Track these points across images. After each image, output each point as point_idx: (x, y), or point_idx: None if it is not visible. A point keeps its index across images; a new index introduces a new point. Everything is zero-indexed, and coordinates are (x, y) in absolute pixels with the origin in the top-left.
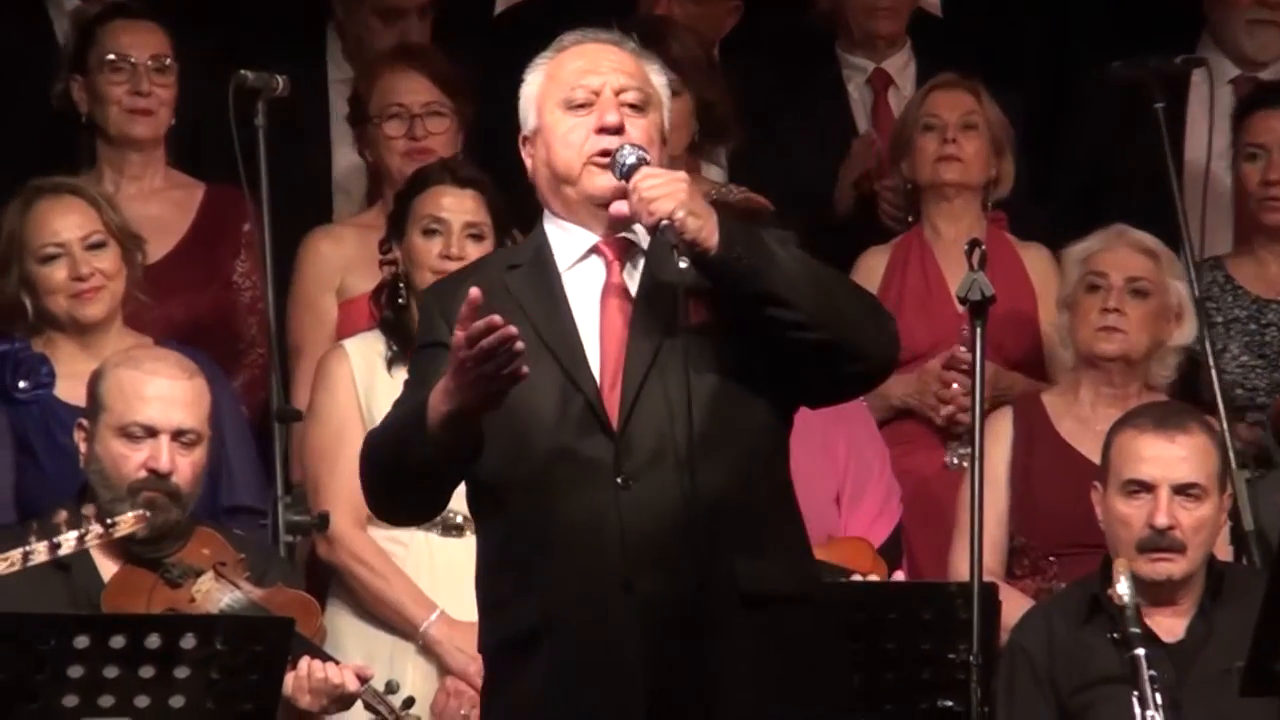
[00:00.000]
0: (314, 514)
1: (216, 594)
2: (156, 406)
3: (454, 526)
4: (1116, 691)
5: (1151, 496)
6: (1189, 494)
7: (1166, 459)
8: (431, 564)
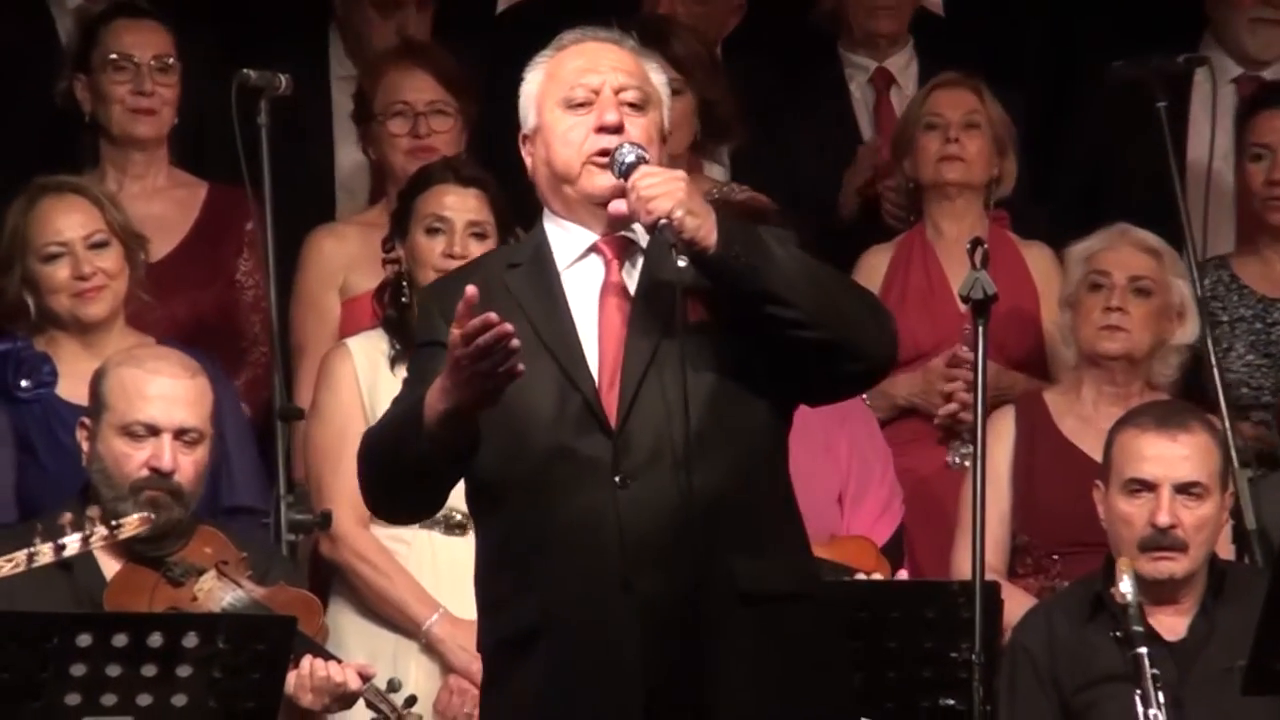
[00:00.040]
0: (316, 513)
1: (219, 593)
2: (159, 405)
3: (456, 525)
4: (1119, 690)
5: (1153, 495)
6: (1191, 493)
7: (1168, 458)
8: (434, 562)
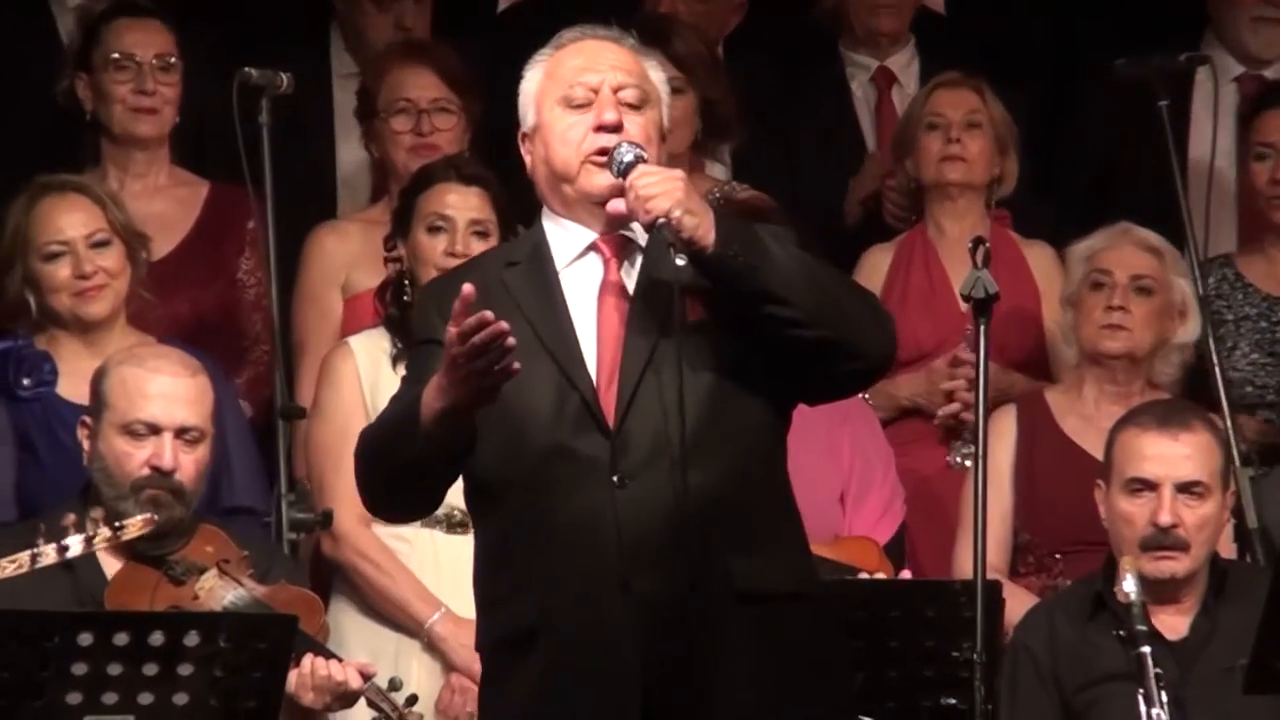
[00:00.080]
0: (317, 511)
1: (220, 591)
2: (160, 404)
3: (458, 524)
4: (1121, 689)
5: (1154, 495)
6: (1192, 492)
7: (1169, 457)
8: (436, 561)
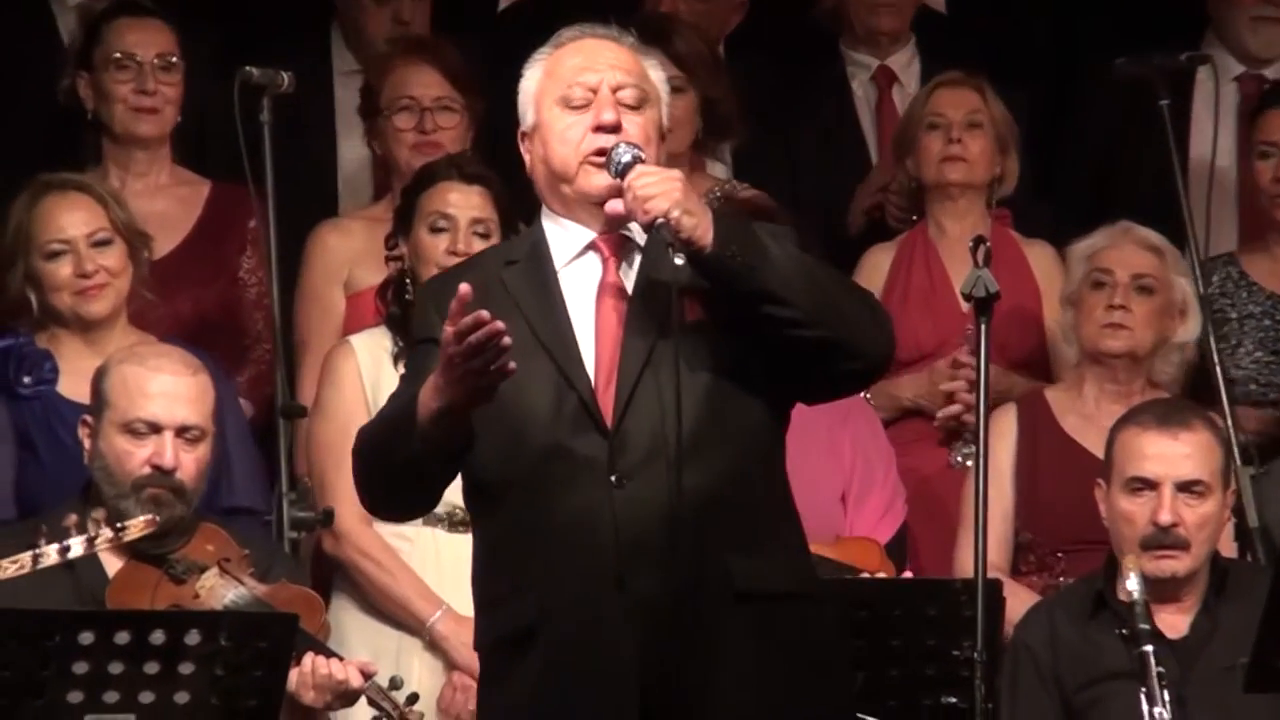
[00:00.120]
0: (318, 510)
1: (220, 590)
2: (160, 403)
3: (459, 522)
4: (1122, 688)
5: (1155, 494)
6: (1192, 491)
7: (1170, 456)
8: (437, 559)
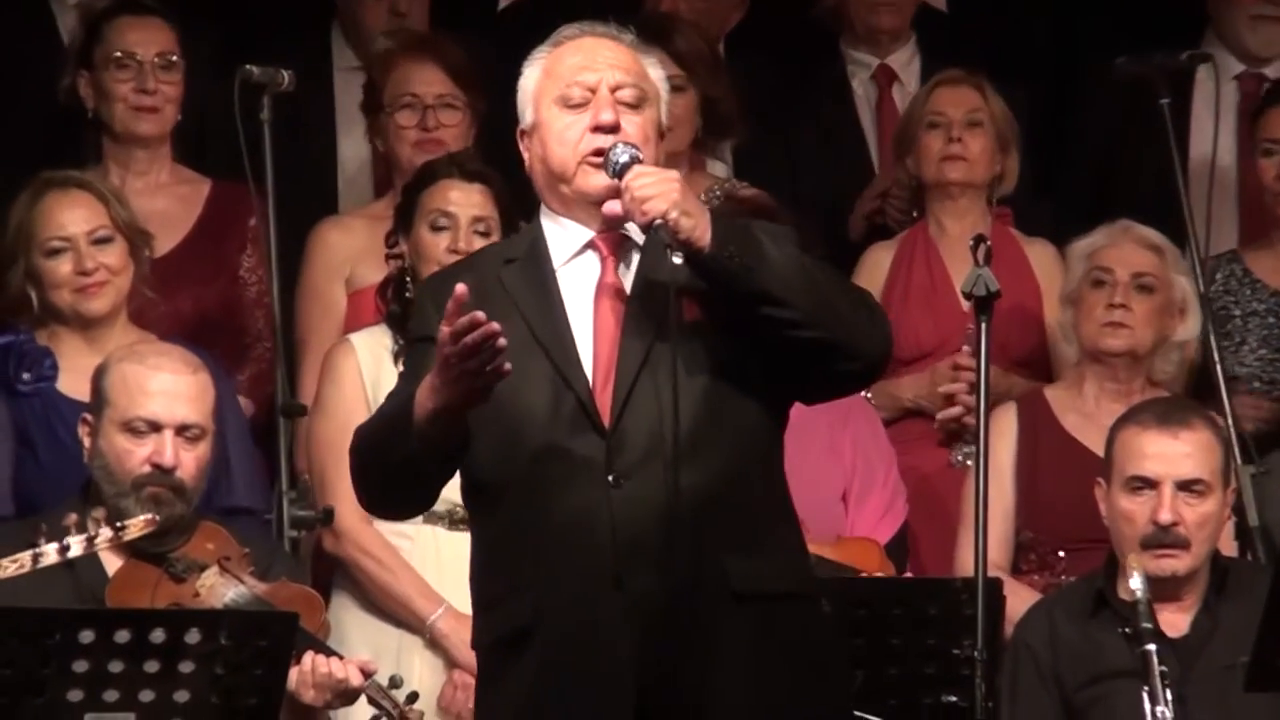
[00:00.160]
0: (318, 508)
1: (221, 589)
2: (160, 401)
3: (460, 520)
4: (1123, 687)
5: (1155, 493)
6: (1192, 490)
7: (1170, 455)
8: (438, 558)
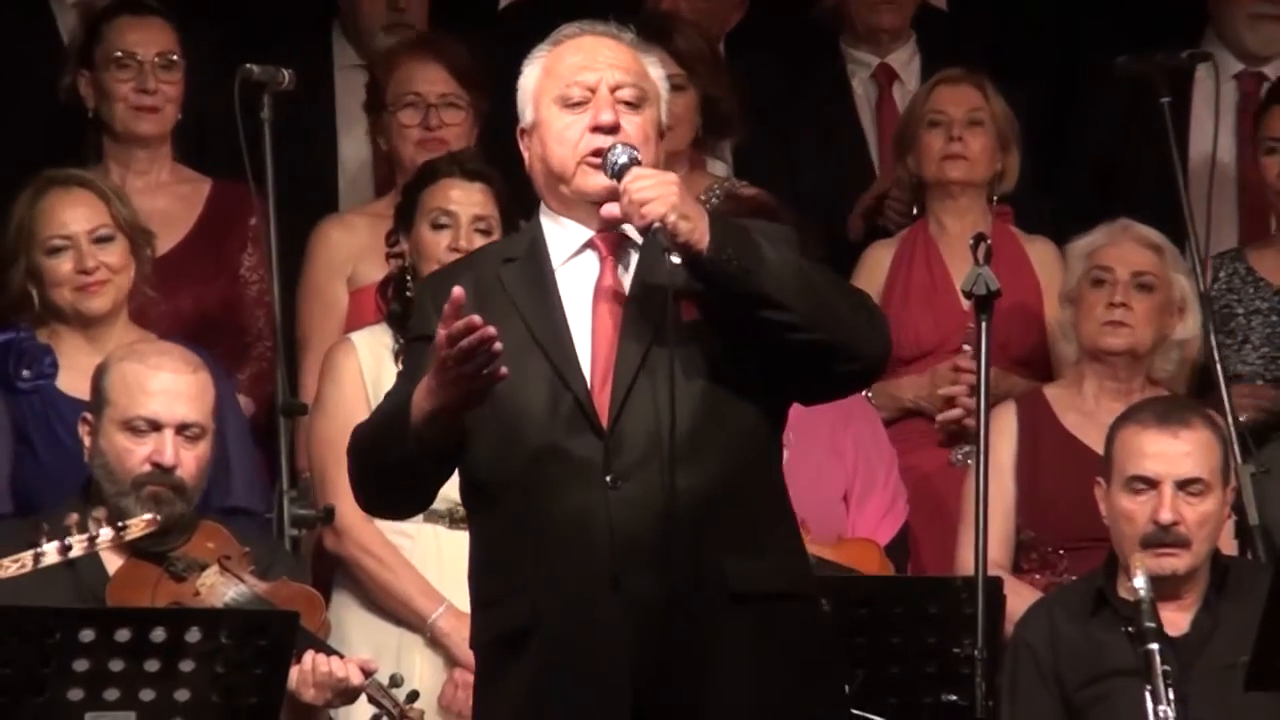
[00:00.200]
0: (319, 507)
1: (221, 588)
2: (160, 400)
3: (461, 519)
4: (1124, 685)
5: (1155, 492)
6: (1192, 489)
7: (1169, 454)
8: (439, 556)
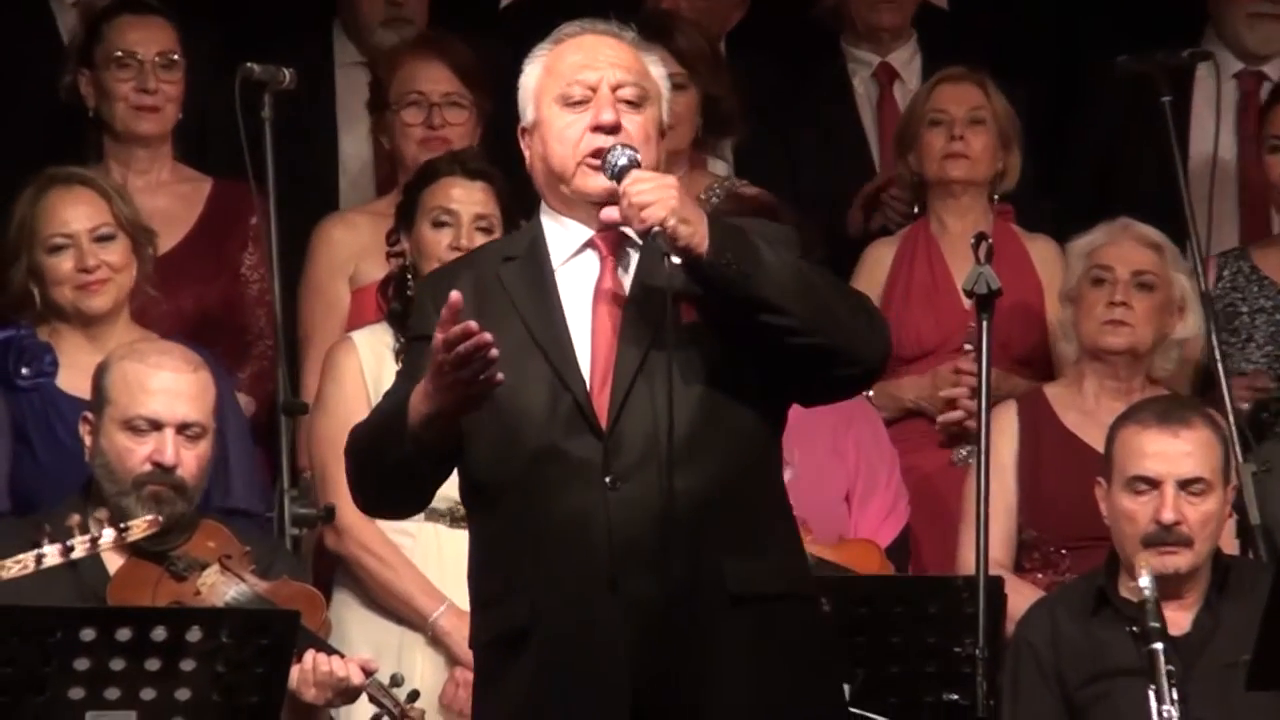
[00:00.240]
0: (320, 506)
1: (222, 587)
2: (161, 400)
3: (461, 518)
4: (1126, 685)
5: (1157, 492)
6: (1194, 489)
7: (1170, 454)
8: (440, 555)
